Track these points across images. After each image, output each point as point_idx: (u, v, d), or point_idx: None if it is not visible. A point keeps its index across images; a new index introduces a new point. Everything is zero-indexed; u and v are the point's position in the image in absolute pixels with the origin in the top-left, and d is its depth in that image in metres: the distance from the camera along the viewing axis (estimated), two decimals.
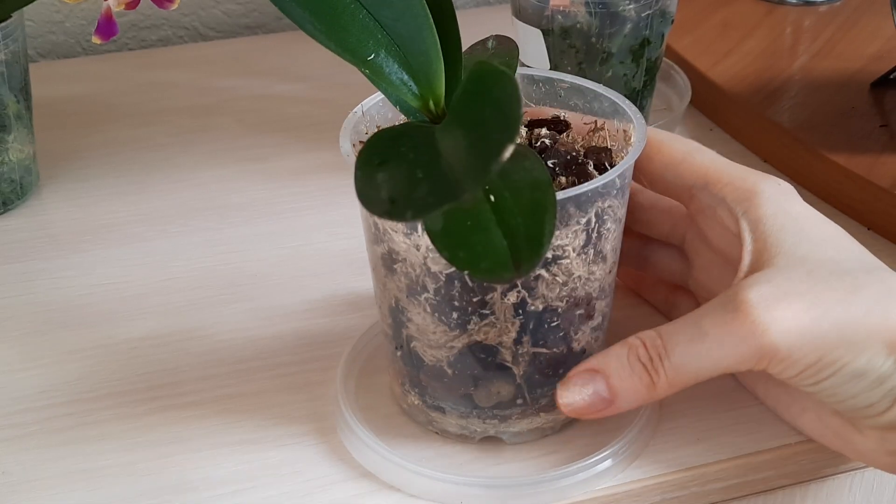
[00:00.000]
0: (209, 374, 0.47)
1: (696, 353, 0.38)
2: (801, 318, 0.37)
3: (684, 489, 0.42)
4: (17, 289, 0.53)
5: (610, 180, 0.38)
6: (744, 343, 0.37)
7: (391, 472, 0.41)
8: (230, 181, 0.62)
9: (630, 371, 0.38)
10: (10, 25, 0.56)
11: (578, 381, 0.39)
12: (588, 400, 0.39)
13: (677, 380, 0.38)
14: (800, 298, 0.37)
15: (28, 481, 0.42)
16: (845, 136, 0.61)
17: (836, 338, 0.37)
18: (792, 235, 0.40)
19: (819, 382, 0.38)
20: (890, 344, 0.37)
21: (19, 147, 0.59)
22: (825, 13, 0.77)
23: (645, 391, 0.38)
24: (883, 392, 0.38)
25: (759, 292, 0.38)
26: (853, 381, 0.38)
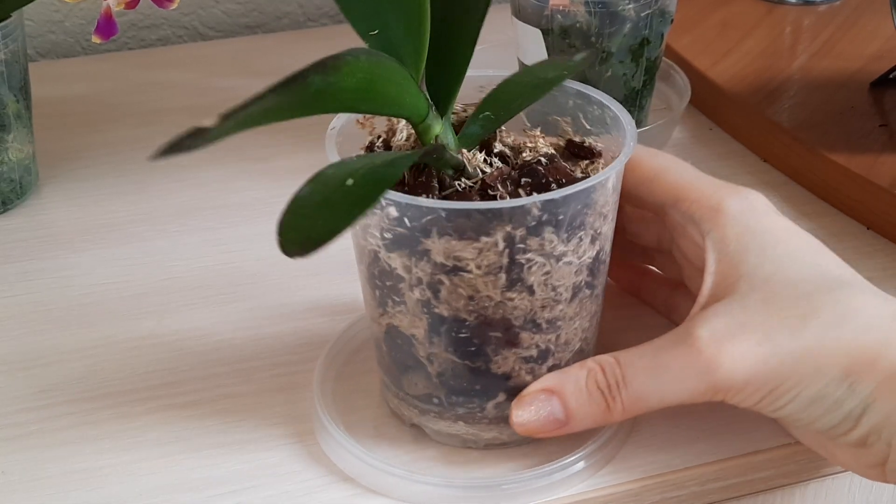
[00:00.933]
0: (209, 374, 0.47)
1: (654, 386, 0.38)
2: (753, 352, 0.38)
3: (683, 488, 0.42)
4: (16, 288, 0.53)
5: (524, 206, 0.36)
6: (698, 379, 0.38)
7: (369, 476, 0.41)
8: (230, 181, 0.62)
9: (587, 396, 0.39)
10: (9, 25, 0.56)
11: (533, 401, 0.39)
12: (542, 420, 0.39)
13: (633, 408, 0.39)
14: (752, 332, 0.38)
15: (28, 481, 0.42)
16: (845, 135, 0.61)
17: (789, 369, 0.37)
18: (755, 256, 0.40)
19: (777, 410, 0.39)
20: (844, 369, 0.37)
21: (19, 146, 0.59)
22: (825, 13, 0.77)
23: (600, 416, 0.39)
24: (842, 415, 0.38)
25: (712, 328, 0.38)
26: (810, 407, 0.38)
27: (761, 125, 0.63)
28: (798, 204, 0.59)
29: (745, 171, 0.63)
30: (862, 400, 0.37)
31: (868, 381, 0.37)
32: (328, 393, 0.45)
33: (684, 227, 0.42)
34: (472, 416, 0.41)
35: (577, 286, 0.40)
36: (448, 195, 0.39)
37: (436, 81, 0.40)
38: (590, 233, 0.39)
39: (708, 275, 0.40)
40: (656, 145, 0.64)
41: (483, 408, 0.41)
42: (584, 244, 0.39)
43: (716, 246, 0.41)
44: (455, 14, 0.39)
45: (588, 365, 0.39)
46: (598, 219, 0.39)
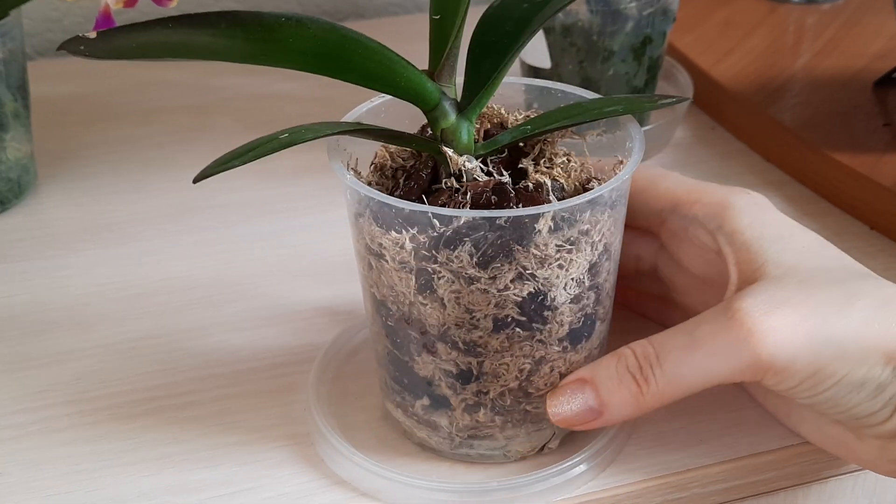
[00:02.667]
0: (208, 375, 0.47)
1: (690, 363, 0.37)
2: (799, 328, 0.36)
3: (686, 490, 0.42)
4: (15, 288, 0.53)
5: (427, 213, 0.36)
6: (739, 353, 0.36)
7: (365, 480, 0.41)
8: (229, 180, 0.62)
9: (619, 382, 0.38)
10: (7, 24, 0.56)
11: (567, 391, 0.38)
12: (576, 411, 0.38)
13: (668, 390, 0.37)
14: (797, 307, 0.37)
15: (27, 481, 0.42)
16: (848, 134, 0.60)
17: (835, 349, 0.36)
18: (774, 243, 0.39)
19: (816, 395, 0.37)
20: (887, 354, 0.37)
21: (17, 146, 0.58)
22: (828, 11, 0.77)
23: (634, 402, 0.38)
24: (883, 401, 0.37)
25: (755, 301, 0.37)
26: (852, 392, 0.37)
27: (764, 124, 0.63)
28: (801, 203, 0.59)
29: (748, 170, 0.62)
30: None
31: None
32: (323, 396, 0.45)
33: (686, 229, 0.42)
34: (406, 409, 0.41)
35: (502, 320, 0.37)
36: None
37: (472, 76, 0.40)
38: (513, 269, 0.37)
39: (731, 266, 0.40)
40: (659, 145, 0.64)
41: (413, 404, 0.41)
42: (504, 278, 0.37)
43: (730, 238, 0.40)
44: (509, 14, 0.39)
45: (620, 351, 0.38)
46: (527, 259, 0.36)
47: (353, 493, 0.41)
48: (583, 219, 0.37)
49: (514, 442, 0.41)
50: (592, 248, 0.38)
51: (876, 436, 0.38)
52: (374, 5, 0.86)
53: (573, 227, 0.37)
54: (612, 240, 0.39)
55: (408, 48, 0.83)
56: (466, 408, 0.40)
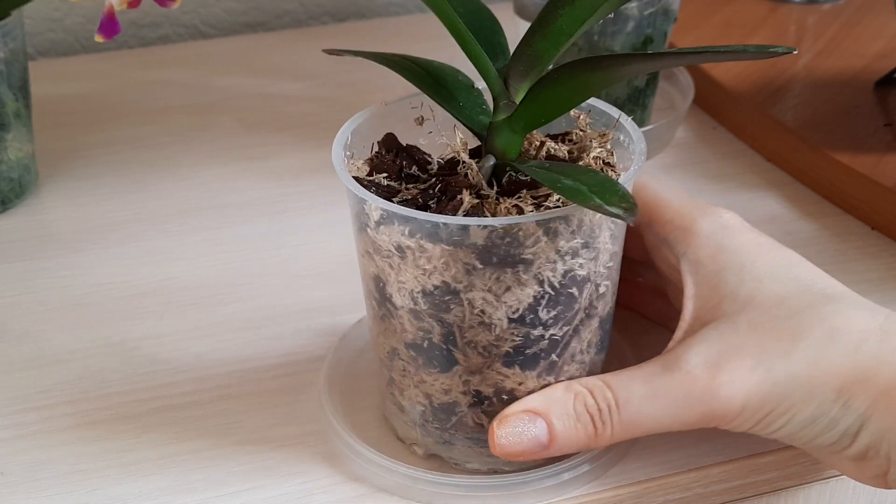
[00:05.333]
0: (208, 375, 0.47)
1: (648, 413, 0.38)
2: (747, 378, 0.37)
3: (687, 490, 0.42)
4: (16, 288, 0.53)
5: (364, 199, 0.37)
6: (694, 407, 0.37)
7: (377, 475, 0.41)
8: (230, 180, 0.62)
9: (575, 419, 0.38)
10: (8, 23, 0.56)
11: (516, 422, 0.38)
12: (525, 443, 0.38)
13: (623, 434, 0.38)
14: (744, 357, 0.37)
15: (28, 481, 0.42)
16: (849, 134, 0.60)
17: (782, 392, 0.37)
18: (733, 275, 0.39)
19: (773, 432, 0.38)
20: (835, 389, 0.37)
21: (18, 146, 0.58)
22: (828, 12, 0.77)
23: (586, 440, 0.38)
24: (838, 434, 0.38)
25: (705, 355, 0.38)
26: (806, 428, 0.38)
27: (765, 124, 0.63)
28: (802, 204, 0.59)
29: (749, 170, 0.62)
30: (857, 417, 0.37)
31: (862, 399, 0.37)
32: (335, 392, 0.45)
33: (659, 247, 0.42)
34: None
35: (416, 336, 0.38)
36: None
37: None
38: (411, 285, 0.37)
39: (688, 299, 0.40)
40: (660, 145, 0.64)
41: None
42: (406, 285, 0.37)
43: (692, 268, 0.40)
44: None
45: (575, 388, 0.38)
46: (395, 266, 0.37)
47: (353, 493, 0.41)
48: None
49: None
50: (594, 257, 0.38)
51: (846, 458, 0.38)
52: (376, 5, 0.86)
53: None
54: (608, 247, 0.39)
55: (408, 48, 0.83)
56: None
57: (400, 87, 0.42)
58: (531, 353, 0.38)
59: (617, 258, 0.40)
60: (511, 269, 0.36)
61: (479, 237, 0.35)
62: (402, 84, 0.42)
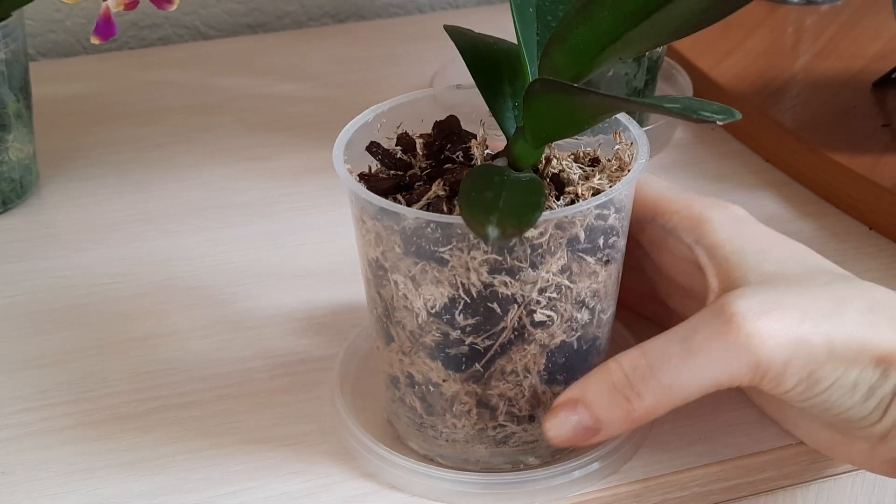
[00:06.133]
0: (209, 374, 0.47)
1: (688, 372, 0.36)
2: (794, 331, 0.36)
3: (685, 489, 0.42)
4: (17, 288, 0.53)
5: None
6: (738, 358, 0.36)
7: (387, 472, 0.41)
8: (231, 180, 0.62)
9: (609, 396, 0.37)
10: (9, 24, 0.56)
11: (561, 412, 0.38)
12: (571, 431, 0.37)
13: (666, 400, 0.37)
14: (790, 310, 0.36)
15: (28, 481, 0.42)
16: (847, 135, 0.61)
17: (828, 352, 0.36)
18: (754, 255, 0.39)
19: (810, 398, 0.37)
20: (877, 357, 0.37)
21: (19, 146, 0.58)
22: (827, 13, 0.77)
23: (627, 418, 0.37)
24: (873, 404, 0.37)
25: (749, 303, 0.36)
26: (845, 394, 0.37)
27: (763, 125, 0.63)
28: (800, 204, 0.59)
29: (747, 170, 0.62)
30: (893, 388, 0.37)
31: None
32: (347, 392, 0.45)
33: (665, 240, 0.42)
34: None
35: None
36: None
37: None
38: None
39: (711, 276, 0.40)
40: (659, 145, 0.64)
41: None
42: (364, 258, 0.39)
43: (710, 252, 0.40)
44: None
45: (609, 366, 0.37)
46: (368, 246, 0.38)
47: (353, 492, 0.41)
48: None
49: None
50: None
51: (866, 437, 0.38)
52: (375, 6, 0.86)
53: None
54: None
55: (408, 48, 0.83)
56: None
57: (401, 87, 0.42)
58: (452, 353, 0.38)
59: (580, 297, 0.38)
60: (429, 264, 0.37)
61: (408, 223, 0.36)
62: (403, 84, 0.42)
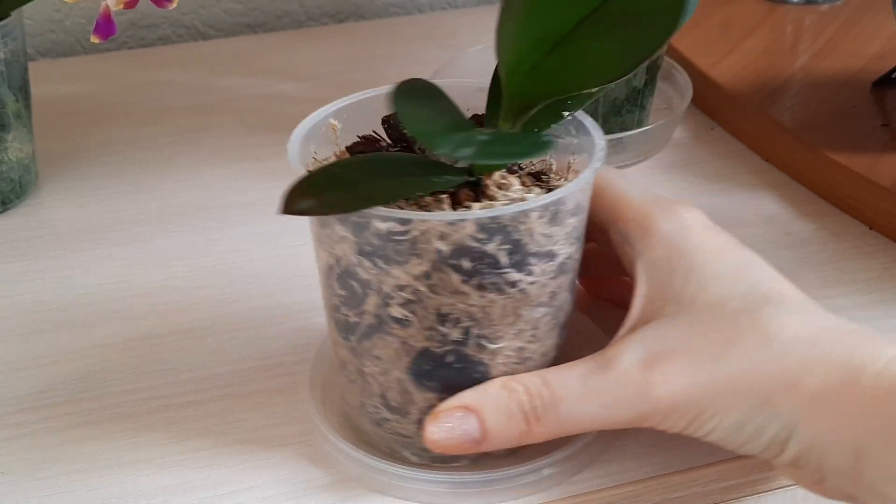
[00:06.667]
0: (209, 374, 0.47)
1: (582, 411, 0.38)
2: (678, 379, 0.37)
3: (685, 489, 0.42)
4: (16, 288, 0.53)
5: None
6: (627, 406, 0.38)
7: (355, 471, 0.41)
8: (231, 180, 0.62)
9: (508, 416, 0.38)
10: (9, 24, 0.56)
11: (449, 418, 0.38)
12: (456, 438, 0.38)
13: (559, 431, 0.38)
14: (677, 358, 0.37)
15: (28, 481, 0.42)
16: (846, 135, 0.61)
17: (710, 396, 0.37)
18: (680, 277, 0.39)
19: (704, 436, 0.38)
20: (764, 395, 0.37)
21: (18, 146, 0.58)
22: (826, 12, 0.77)
23: (519, 437, 0.38)
24: (766, 441, 0.37)
25: (640, 354, 0.38)
26: (733, 434, 0.38)
27: (763, 125, 0.63)
28: (799, 204, 0.59)
29: (747, 170, 0.62)
30: (785, 425, 0.37)
31: (789, 407, 0.36)
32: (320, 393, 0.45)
33: (622, 245, 0.42)
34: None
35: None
36: None
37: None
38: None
39: (638, 297, 0.40)
40: (658, 145, 0.64)
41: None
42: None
43: (645, 269, 0.40)
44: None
45: (510, 385, 0.38)
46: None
47: (353, 492, 0.41)
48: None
49: None
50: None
51: (780, 465, 0.38)
52: (375, 6, 0.86)
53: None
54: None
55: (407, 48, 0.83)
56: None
57: None
58: (336, 318, 0.40)
59: (441, 310, 0.37)
60: (321, 228, 0.38)
61: None
62: None
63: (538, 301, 0.38)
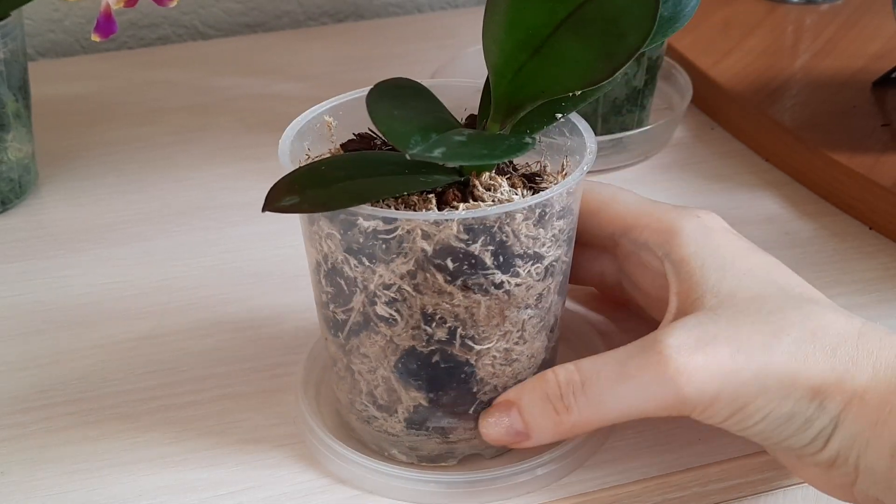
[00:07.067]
0: (208, 374, 0.47)
1: (615, 395, 0.37)
2: (723, 366, 0.37)
3: (685, 489, 0.42)
4: (16, 288, 0.53)
5: None
6: (665, 390, 0.37)
7: (341, 469, 0.41)
8: (230, 180, 0.62)
9: (541, 407, 0.38)
10: (8, 24, 0.56)
11: (496, 412, 0.39)
12: (502, 432, 0.39)
13: (593, 418, 0.38)
14: (723, 344, 0.37)
15: (28, 481, 0.42)
16: (847, 135, 0.61)
17: (758, 386, 0.37)
18: (715, 272, 0.39)
19: (746, 429, 0.38)
20: (812, 389, 0.37)
21: (18, 146, 0.58)
22: (826, 12, 0.77)
23: (555, 429, 0.38)
24: (812, 435, 0.37)
25: (682, 338, 0.37)
26: (780, 426, 0.37)
27: (763, 124, 0.63)
28: (800, 204, 0.59)
29: (747, 170, 0.62)
30: (831, 420, 0.37)
31: (837, 401, 0.37)
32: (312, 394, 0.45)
33: (638, 254, 0.42)
34: None
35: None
36: None
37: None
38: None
39: (672, 294, 0.40)
40: (658, 145, 0.64)
41: None
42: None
43: (675, 267, 0.40)
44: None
45: (546, 375, 0.38)
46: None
47: (353, 492, 0.41)
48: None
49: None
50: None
51: (815, 464, 0.38)
52: (374, 6, 0.86)
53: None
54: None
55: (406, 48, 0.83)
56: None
57: None
58: (325, 315, 0.40)
59: (427, 310, 0.37)
60: (309, 225, 0.39)
61: None
62: None
63: (524, 303, 0.38)
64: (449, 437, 0.40)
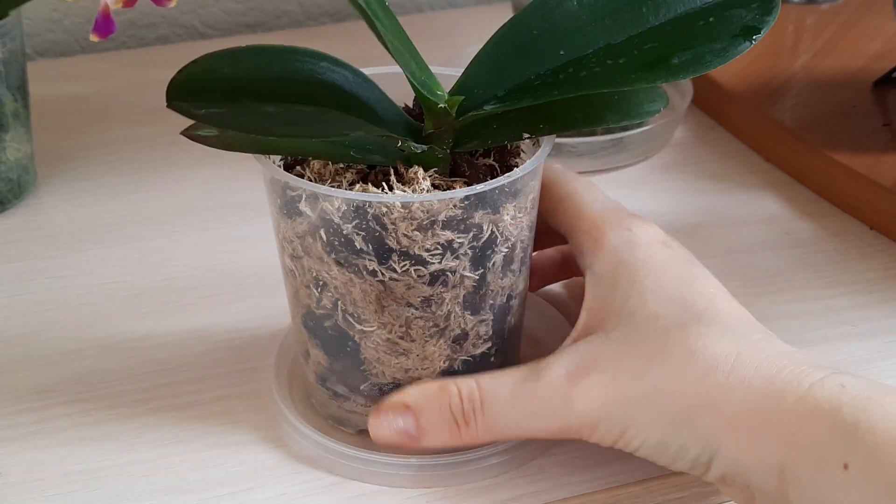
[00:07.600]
0: (208, 375, 0.47)
1: (510, 418, 0.38)
2: (601, 392, 0.37)
3: (685, 490, 0.42)
4: (15, 288, 0.53)
5: None
6: (553, 416, 0.38)
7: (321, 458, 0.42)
8: (230, 180, 0.62)
9: (440, 417, 0.38)
10: (7, 24, 0.56)
11: (389, 412, 0.39)
12: (394, 433, 0.39)
13: (489, 436, 0.39)
14: (602, 370, 0.37)
15: (27, 481, 0.42)
16: (847, 134, 0.61)
17: (633, 413, 0.37)
18: (623, 290, 0.39)
19: (635, 451, 0.38)
20: (681, 415, 0.36)
21: (17, 146, 0.58)
22: (827, 12, 0.77)
23: (451, 439, 0.39)
24: (690, 461, 0.37)
25: (569, 366, 0.38)
26: (659, 451, 0.37)
27: (764, 124, 0.63)
28: (801, 204, 0.59)
29: (748, 170, 0.62)
30: (706, 447, 0.36)
31: (709, 428, 0.36)
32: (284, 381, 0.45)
33: (578, 257, 0.42)
34: None
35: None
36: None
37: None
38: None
39: (584, 310, 0.40)
40: (658, 144, 0.64)
41: None
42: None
43: (593, 281, 0.41)
44: None
45: (447, 387, 0.39)
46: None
47: (353, 492, 0.41)
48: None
49: None
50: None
51: (714, 482, 0.38)
52: None
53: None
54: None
55: None
56: None
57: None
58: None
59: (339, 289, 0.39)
60: (279, 191, 0.40)
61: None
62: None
63: (405, 300, 0.39)
64: (344, 406, 0.42)
